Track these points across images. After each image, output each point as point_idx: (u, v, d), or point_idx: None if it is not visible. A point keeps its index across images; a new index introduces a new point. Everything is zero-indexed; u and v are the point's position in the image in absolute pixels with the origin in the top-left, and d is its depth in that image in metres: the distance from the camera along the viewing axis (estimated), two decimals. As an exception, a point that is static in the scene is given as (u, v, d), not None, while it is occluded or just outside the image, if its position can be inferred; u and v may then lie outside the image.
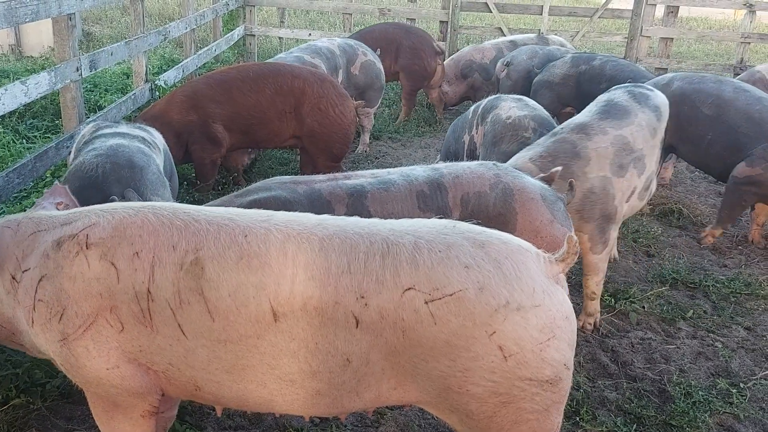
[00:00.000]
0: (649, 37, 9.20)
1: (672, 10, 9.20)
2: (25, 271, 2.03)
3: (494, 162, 3.07)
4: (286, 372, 1.91)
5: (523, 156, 3.45)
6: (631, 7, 9.13)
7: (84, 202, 2.94)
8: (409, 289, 1.83)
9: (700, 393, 3.15)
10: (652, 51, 9.52)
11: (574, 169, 3.36)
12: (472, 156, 4.38)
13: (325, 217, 2.04)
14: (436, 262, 1.85)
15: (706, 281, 4.26)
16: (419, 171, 2.95)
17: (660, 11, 9.88)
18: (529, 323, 1.82)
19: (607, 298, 3.95)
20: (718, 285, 4.22)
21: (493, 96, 4.59)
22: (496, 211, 2.82)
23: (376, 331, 1.85)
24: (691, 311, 3.89)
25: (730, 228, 5.18)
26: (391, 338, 1.85)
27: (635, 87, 3.89)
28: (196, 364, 1.95)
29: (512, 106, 4.23)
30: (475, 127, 4.45)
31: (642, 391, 3.19)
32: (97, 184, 2.99)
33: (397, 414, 2.94)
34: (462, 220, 2.24)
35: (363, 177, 2.92)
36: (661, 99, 3.84)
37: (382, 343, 1.86)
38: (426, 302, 1.82)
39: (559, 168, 3.10)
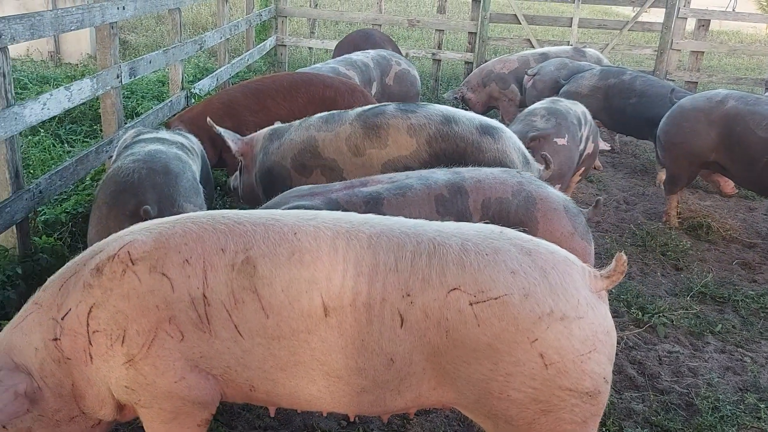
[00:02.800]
0: (679, 50, 9.16)
1: (703, 24, 9.15)
2: (65, 315, 2.00)
3: (518, 170, 3.09)
4: (334, 368, 1.95)
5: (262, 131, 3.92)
6: (661, 20, 9.11)
7: (120, 206, 3.04)
8: (455, 289, 1.86)
9: (727, 407, 3.14)
10: (681, 64, 9.47)
11: (272, 149, 3.76)
12: None
13: (370, 216, 2.09)
14: (483, 265, 1.88)
15: (735, 296, 4.24)
16: (439, 174, 2.95)
17: (691, 25, 9.83)
18: (572, 334, 1.84)
19: (634, 311, 3.95)
20: (747, 300, 4.20)
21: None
22: (517, 218, 2.81)
23: (420, 330, 1.88)
24: (720, 326, 3.88)
25: (761, 243, 5.14)
26: (434, 338, 1.88)
27: (399, 106, 3.64)
28: (253, 364, 1.98)
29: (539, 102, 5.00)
30: None
31: (669, 404, 3.19)
32: (133, 189, 3.05)
33: (423, 420, 2.97)
34: None
35: (380, 182, 2.92)
36: (395, 124, 3.50)
37: (425, 342, 1.89)
38: (471, 303, 1.85)
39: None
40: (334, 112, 3.78)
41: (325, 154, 3.57)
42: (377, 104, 3.79)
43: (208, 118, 4.18)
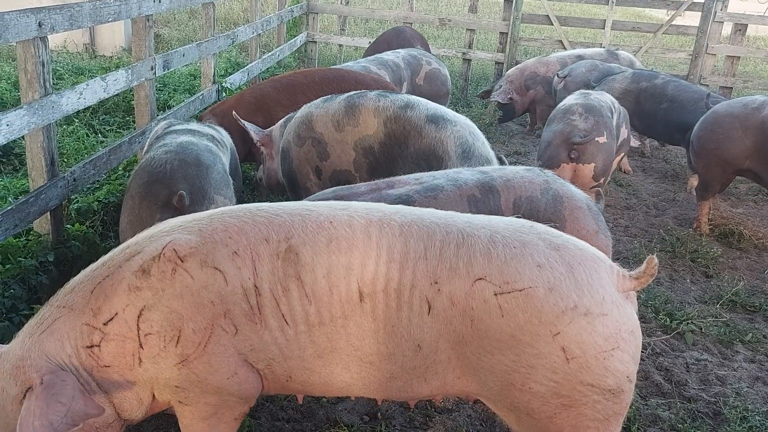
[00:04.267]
0: (715, 54, 9.00)
1: (740, 29, 8.97)
2: (109, 321, 1.93)
3: (540, 168, 3.12)
4: (366, 353, 1.99)
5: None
6: (695, 23, 8.95)
7: (152, 196, 3.08)
8: (480, 279, 1.89)
9: (756, 418, 3.08)
10: (716, 69, 9.30)
11: (285, 131, 4.15)
12: None
13: (401, 207, 2.11)
14: (509, 257, 1.90)
15: (766, 305, 4.16)
16: (467, 175, 2.96)
17: (727, 29, 9.64)
18: (595, 330, 1.84)
19: (662, 317, 3.90)
20: (779, 310, 4.12)
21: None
22: (546, 216, 2.84)
23: (447, 318, 1.91)
24: (750, 335, 3.81)
25: (793, 253, 5.04)
26: (459, 326, 1.91)
27: (380, 93, 3.98)
28: (294, 353, 2.00)
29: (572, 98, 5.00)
30: None
31: (696, 412, 3.14)
32: (165, 180, 3.09)
33: (446, 418, 2.97)
34: None
35: (407, 184, 2.93)
36: (368, 105, 3.83)
37: (451, 330, 1.92)
38: (495, 294, 1.87)
39: None
40: (334, 94, 4.10)
41: (316, 128, 3.93)
42: (366, 90, 4.08)
43: (233, 112, 4.35)
